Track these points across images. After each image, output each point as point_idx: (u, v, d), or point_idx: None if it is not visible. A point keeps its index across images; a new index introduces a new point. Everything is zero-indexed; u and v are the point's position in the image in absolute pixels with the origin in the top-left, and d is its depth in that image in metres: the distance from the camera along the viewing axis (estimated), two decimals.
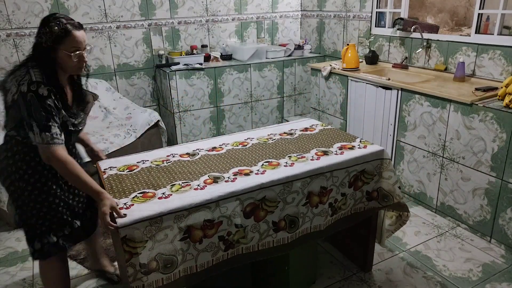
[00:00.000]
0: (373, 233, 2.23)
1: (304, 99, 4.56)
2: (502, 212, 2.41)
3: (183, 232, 1.55)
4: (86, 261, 2.41)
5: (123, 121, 3.56)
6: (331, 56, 4.39)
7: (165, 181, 1.74)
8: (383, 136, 3.18)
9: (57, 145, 1.54)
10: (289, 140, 2.20)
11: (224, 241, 1.66)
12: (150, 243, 1.49)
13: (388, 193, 2.06)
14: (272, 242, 1.79)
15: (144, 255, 1.48)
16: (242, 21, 4.46)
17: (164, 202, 1.56)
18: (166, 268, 1.54)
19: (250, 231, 1.71)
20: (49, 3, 3.51)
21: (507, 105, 2.30)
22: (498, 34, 2.76)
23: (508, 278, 2.22)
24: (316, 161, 1.89)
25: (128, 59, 3.99)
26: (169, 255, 1.53)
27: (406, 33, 3.42)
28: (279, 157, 1.95)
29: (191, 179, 1.75)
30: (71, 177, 1.57)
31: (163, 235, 1.51)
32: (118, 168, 1.90)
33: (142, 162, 1.97)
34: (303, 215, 1.84)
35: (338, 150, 2.02)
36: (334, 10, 4.21)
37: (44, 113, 1.51)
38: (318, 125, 2.44)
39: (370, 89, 3.21)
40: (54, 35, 1.54)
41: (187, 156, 2.02)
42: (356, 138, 2.19)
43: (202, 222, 1.58)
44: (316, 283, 2.22)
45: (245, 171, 1.81)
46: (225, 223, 1.64)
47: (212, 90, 3.97)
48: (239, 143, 2.17)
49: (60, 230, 1.76)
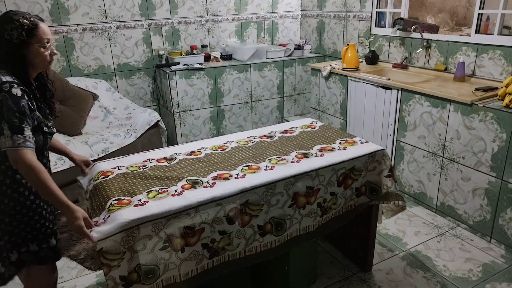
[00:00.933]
0: (373, 232, 2.23)
1: (304, 99, 4.56)
2: (502, 212, 2.41)
3: (163, 241, 1.48)
4: (86, 261, 2.41)
5: (123, 121, 3.56)
6: (331, 56, 4.39)
7: (141, 187, 1.67)
8: (383, 136, 3.18)
9: (28, 148, 1.41)
10: (268, 143, 2.17)
11: (209, 249, 1.60)
12: (128, 254, 1.42)
13: (375, 185, 2.04)
14: (259, 246, 1.73)
15: (123, 267, 1.42)
16: (242, 21, 4.46)
17: (140, 209, 1.49)
18: (148, 278, 1.47)
19: (236, 237, 1.65)
20: (49, 3, 3.51)
21: (507, 105, 2.30)
22: (498, 34, 2.76)
23: (508, 278, 2.22)
24: (296, 163, 1.86)
25: (128, 59, 3.99)
26: (150, 265, 1.47)
27: (406, 33, 3.42)
28: (259, 161, 1.92)
29: (168, 185, 1.69)
30: (39, 184, 1.43)
31: (141, 245, 1.44)
32: (93, 177, 1.83)
33: (118, 168, 1.90)
34: (290, 217, 1.79)
35: (318, 152, 1.99)
36: (334, 10, 4.21)
37: (18, 114, 1.40)
38: (298, 127, 2.40)
39: (370, 89, 3.21)
40: (26, 28, 1.45)
41: (164, 161, 1.96)
42: (336, 139, 2.16)
43: (182, 229, 1.52)
44: (316, 283, 2.22)
45: (224, 176, 1.76)
46: (208, 230, 1.58)
47: (212, 90, 3.97)
48: (218, 147, 2.13)
49: (37, 245, 1.60)
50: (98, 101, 3.60)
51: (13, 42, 1.45)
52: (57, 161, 2.85)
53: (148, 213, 1.47)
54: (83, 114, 3.43)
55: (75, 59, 3.75)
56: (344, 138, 2.19)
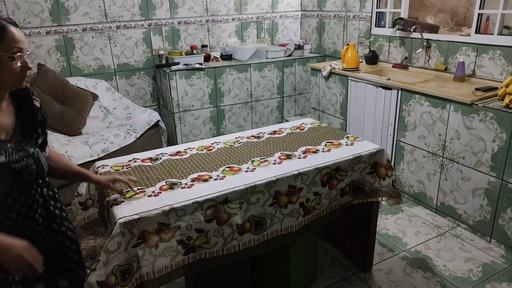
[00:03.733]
0: (373, 232, 2.23)
1: (304, 99, 4.56)
2: (502, 212, 2.41)
3: (136, 238, 1.46)
4: (86, 261, 2.41)
5: (123, 121, 3.56)
6: (331, 56, 4.39)
7: (120, 187, 1.66)
8: (383, 136, 3.18)
9: None
10: (255, 144, 2.16)
11: (184, 245, 1.57)
12: (103, 256, 1.39)
13: (358, 183, 2.02)
14: (238, 245, 1.70)
15: (99, 271, 1.39)
16: (242, 21, 4.46)
17: (114, 209, 1.49)
18: (125, 279, 1.44)
19: (213, 236, 1.62)
20: (49, 3, 3.50)
21: (507, 105, 2.30)
22: (498, 34, 2.76)
23: (508, 278, 2.22)
24: (278, 165, 1.85)
25: (128, 59, 3.99)
26: (126, 264, 1.44)
27: (406, 33, 3.42)
28: (242, 162, 1.91)
29: (147, 186, 1.69)
30: None
31: (115, 244, 1.41)
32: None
33: (102, 167, 1.90)
34: (270, 216, 1.76)
35: (301, 154, 1.98)
36: (334, 10, 4.21)
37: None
38: (287, 128, 2.40)
39: (370, 89, 3.21)
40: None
41: (149, 161, 1.96)
42: (322, 141, 2.15)
43: (156, 226, 1.49)
44: (316, 283, 2.22)
45: (204, 177, 1.75)
46: (184, 228, 1.55)
47: (212, 90, 3.97)
48: (204, 148, 2.12)
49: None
50: (98, 101, 3.60)
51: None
52: None
53: (121, 214, 1.46)
54: (83, 114, 3.43)
55: (75, 59, 3.75)
56: (330, 140, 2.17)
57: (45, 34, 3.55)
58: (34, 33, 3.51)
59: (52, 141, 3.12)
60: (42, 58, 3.58)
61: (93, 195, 1.94)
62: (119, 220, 1.43)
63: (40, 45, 3.55)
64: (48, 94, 3.29)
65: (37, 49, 3.55)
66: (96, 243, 2.56)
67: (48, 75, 3.37)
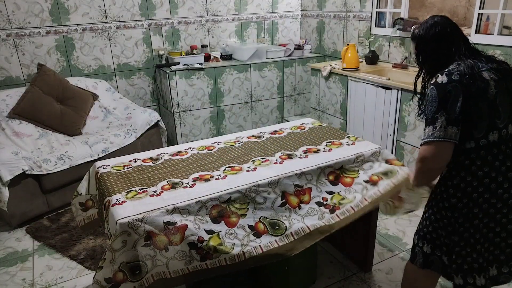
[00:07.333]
0: (373, 232, 2.23)
1: (304, 99, 4.57)
2: None
3: (143, 238, 1.45)
4: (86, 261, 2.41)
5: (123, 121, 3.56)
6: (331, 56, 4.39)
7: (121, 187, 1.68)
8: (383, 136, 3.18)
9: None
10: (255, 144, 2.16)
11: (198, 250, 1.50)
12: (109, 255, 1.41)
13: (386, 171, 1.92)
14: (259, 247, 1.58)
15: (106, 269, 1.41)
16: (242, 21, 4.46)
17: (116, 209, 1.51)
18: (135, 275, 1.44)
19: (227, 238, 1.56)
20: (49, 3, 3.50)
21: None
22: (498, 34, 2.76)
23: None
24: (279, 164, 1.85)
25: (128, 59, 3.99)
26: (134, 261, 1.44)
27: (406, 33, 3.42)
28: (243, 162, 1.90)
29: (148, 185, 1.69)
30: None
31: (120, 243, 1.43)
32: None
33: (103, 167, 1.90)
34: (286, 218, 1.69)
35: (302, 154, 1.98)
36: (334, 10, 4.21)
37: None
38: (287, 128, 2.39)
39: (370, 89, 3.21)
40: None
41: (150, 161, 1.96)
42: (323, 141, 2.15)
43: (162, 225, 1.48)
44: (316, 283, 2.22)
45: (205, 177, 1.75)
46: (192, 228, 1.50)
47: (212, 90, 3.98)
48: (205, 147, 2.12)
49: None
50: (98, 101, 3.60)
51: None
52: (57, 161, 2.86)
53: (124, 214, 1.46)
54: (83, 114, 3.43)
55: (75, 59, 3.75)
56: (331, 140, 2.17)
57: (45, 34, 3.55)
58: (34, 33, 3.51)
59: (52, 141, 3.12)
60: (42, 58, 3.58)
61: (93, 195, 1.94)
62: (123, 219, 1.43)
63: (40, 45, 3.56)
64: (48, 94, 3.29)
65: (37, 49, 3.55)
66: (96, 243, 2.56)
67: (48, 75, 3.37)
